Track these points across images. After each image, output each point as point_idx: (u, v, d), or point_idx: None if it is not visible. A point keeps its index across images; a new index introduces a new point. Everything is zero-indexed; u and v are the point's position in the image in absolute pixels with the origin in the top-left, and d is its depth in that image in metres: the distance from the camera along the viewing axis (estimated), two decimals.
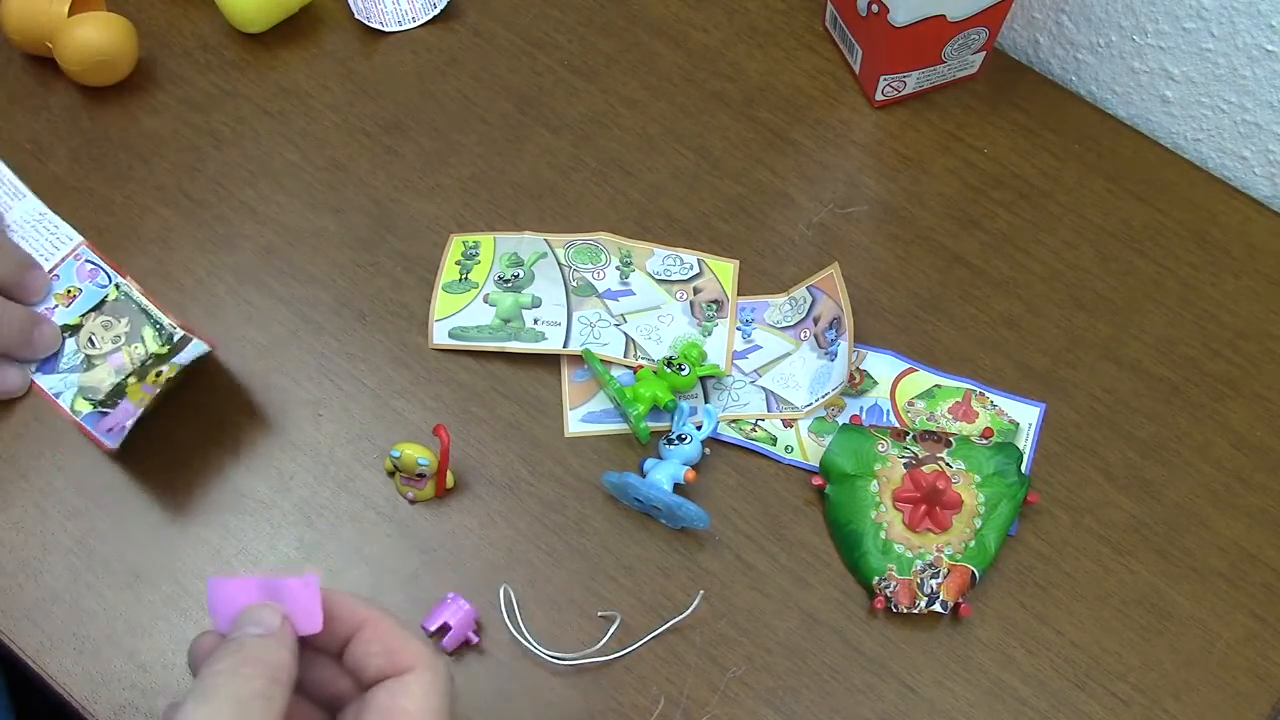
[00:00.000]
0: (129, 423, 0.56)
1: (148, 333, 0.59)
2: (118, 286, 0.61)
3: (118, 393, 0.58)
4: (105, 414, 0.57)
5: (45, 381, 0.59)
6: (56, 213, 0.63)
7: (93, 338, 0.60)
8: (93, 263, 0.62)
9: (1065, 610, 0.57)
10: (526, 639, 0.54)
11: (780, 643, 0.56)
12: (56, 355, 0.59)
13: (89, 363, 0.59)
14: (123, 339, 0.59)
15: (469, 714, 0.53)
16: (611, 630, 0.54)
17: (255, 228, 0.64)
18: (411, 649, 0.43)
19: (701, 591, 0.56)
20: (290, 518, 0.57)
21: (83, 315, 0.60)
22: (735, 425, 0.60)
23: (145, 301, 0.60)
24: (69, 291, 0.61)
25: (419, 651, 0.43)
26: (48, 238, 0.63)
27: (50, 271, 0.61)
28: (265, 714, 0.39)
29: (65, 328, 0.60)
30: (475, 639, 0.54)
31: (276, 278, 0.63)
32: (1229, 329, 0.64)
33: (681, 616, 0.55)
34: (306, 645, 0.43)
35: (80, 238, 0.63)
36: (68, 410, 0.58)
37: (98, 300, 0.61)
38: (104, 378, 0.59)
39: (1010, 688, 0.55)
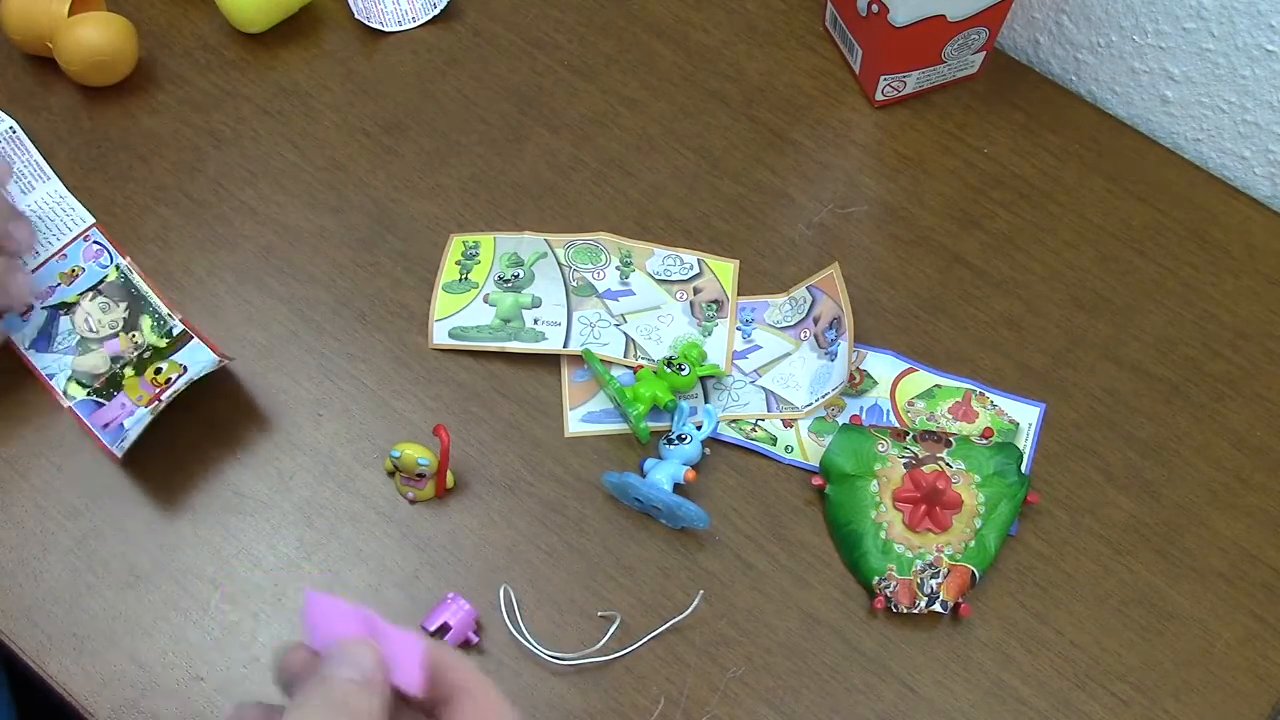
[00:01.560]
0: (130, 424, 0.56)
1: (145, 322, 0.59)
2: (118, 267, 0.61)
3: (114, 384, 0.58)
4: (101, 405, 0.57)
5: (39, 361, 0.59)
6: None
7: (89, 319, 0.60)
8: (99, 244, 0.62)
9: (1065, 610, 0.57)
10: (526, 639, 0.54)
11: (780, 643, 0.56)
12: (51, 335, 0.59)
13: (84, 345, 0.59)
14: (120, 324, 0.59)
15: None
16: (611, 630, 0.54)
17: (255, 228, 0.64)
18: None
19: (701, 591, 0.56)
20: (290, 518, 0.57)
21: (80, 294, 0.61)
22: (735, 425, 0.60)
23: (145, 287, 0.60)
24: (73, 271, 0.61)
25: None
26: (64, 219, 0.63)
27: (59, 250, 0.62)
28: None
29: (63, 305, 0.60)
30: (475, 639, 0.54)
31: (276, 278, 0.63)
32: (1229, 329, 0.64)
33: (681, 616, 0.55)
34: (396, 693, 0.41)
35: (92, 219, 0.63)
36: (60, 391, 0.58)
37: (97, 280, 0.61)
38: (98, 363, 0.59)
39: (1010, 688, 0.55)
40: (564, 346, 0.61)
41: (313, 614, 0.41)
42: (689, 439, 0.57)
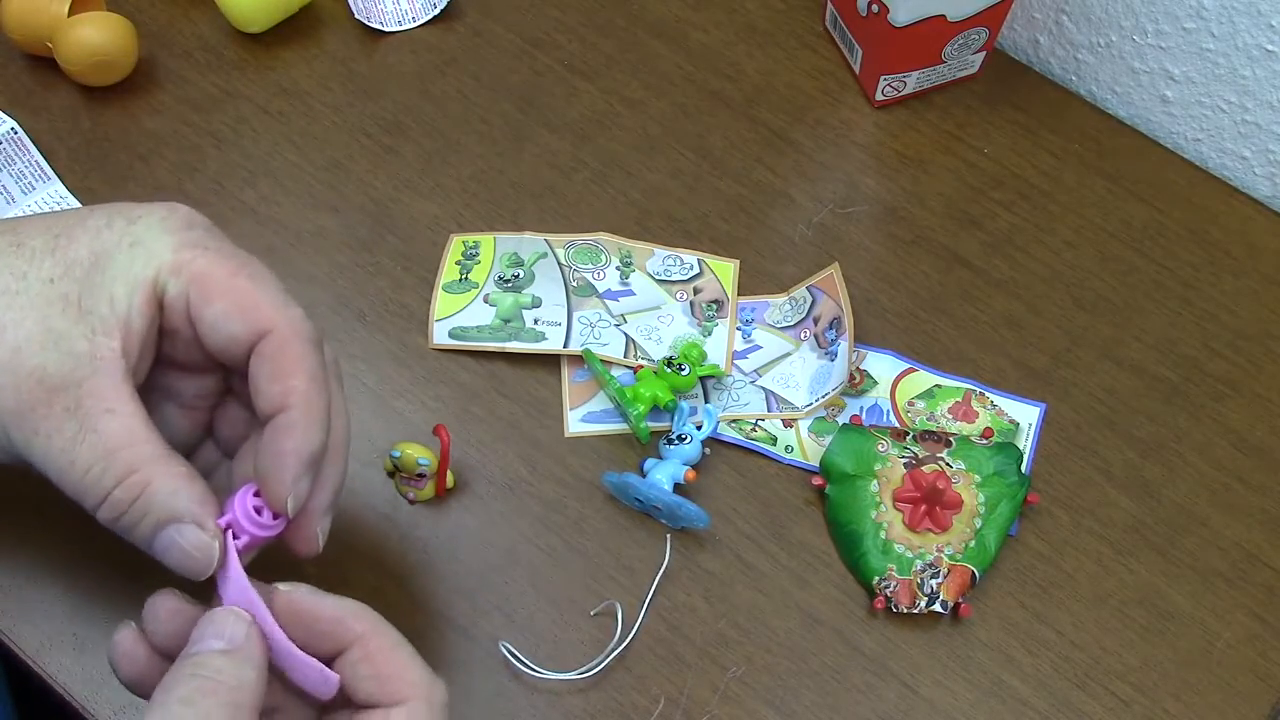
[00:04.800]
0: None
1: None
2: None
3: None
4: None
5: None
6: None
7: None
8: None
9: (1065, 610, 0.57)
10: (534, 669, 0.54)
11: (780, 643, 0.56)
12: None
13: None
14: None
15: (468, 713, 0.53)
16: (619, 619, 0.54)
17: (255, 228, 0.64)
18: (406, 677, 0.40)
19: (669, 536, 0.56)
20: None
21: None
22: (735, 425, 0.60)
23: None
24: None
25: (413, 681, 0.40)
26: None
27: None
28: None
29: None
30: (272, 524, 0.44)
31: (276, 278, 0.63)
32: (1229, 329, 0.64)
33: (661, 569, 0.55)
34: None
35: None
36: None
37: None
38: None
39: (1010, 688, 0.55)
40: (564, 346, 0.61)
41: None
42: (689, 439, 0.57)
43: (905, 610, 0.55)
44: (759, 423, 0.60)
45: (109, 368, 0.40)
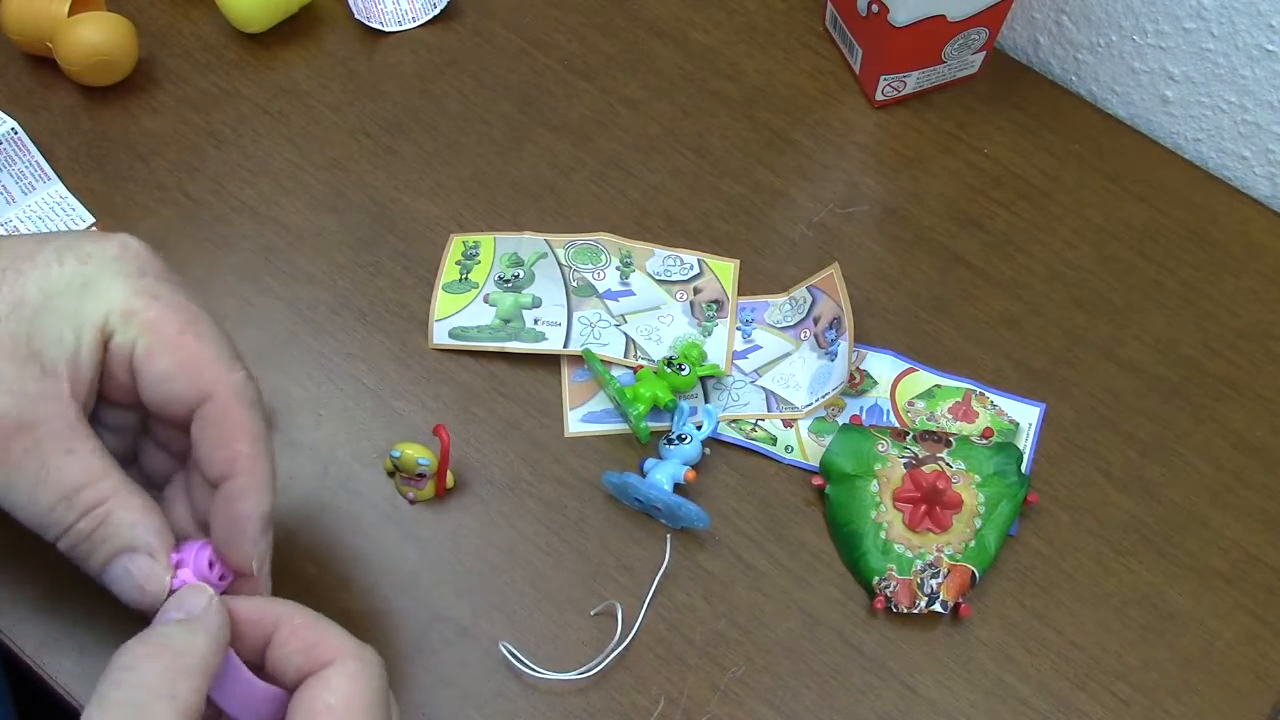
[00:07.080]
0: None
1: None
2: None
3: None
4: None
5: None
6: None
7: None
8: None
9: (1065, 610, 0.57)
10: (535, 669, 0.54)
11: (780, 643, 0.56)
12: None
13: None
14: None
15: (468, 713, 0.53)
16: (619, 619, 0.54)
17: (255, 228, 0.65)
18: (330, 641, 0.40)
19: (669, 535, 0.56)
20: (290, 518, 0.57)
21: None
22: (735, 425, 0.60)
23: None
24: None
25: (338, 643, 0.40)
26: (64, 219, 0.63)
27: None
28: (170, 713, 0.37)
29: None
30: (222, 572, 0.44)
31: (276, 278, 0.63)
32: (1229, 329, 0.64)
33: (662, 568, 0.55)
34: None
35: (92, 219, 0.63)
36: None
37: None
38: None
39: (1010, 688, 0.55)
40: (564, 346, 0.61)
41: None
42: (689, 439, 0.57)
43: (905, 610, 0.55)
44: (759, 423, 0.60)
45: (62, 408, 0.40)
